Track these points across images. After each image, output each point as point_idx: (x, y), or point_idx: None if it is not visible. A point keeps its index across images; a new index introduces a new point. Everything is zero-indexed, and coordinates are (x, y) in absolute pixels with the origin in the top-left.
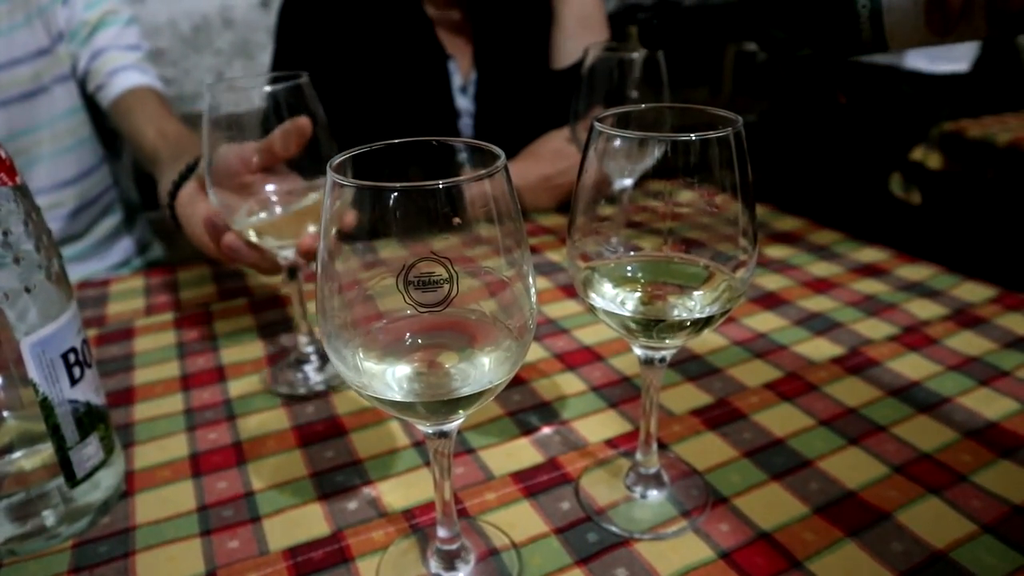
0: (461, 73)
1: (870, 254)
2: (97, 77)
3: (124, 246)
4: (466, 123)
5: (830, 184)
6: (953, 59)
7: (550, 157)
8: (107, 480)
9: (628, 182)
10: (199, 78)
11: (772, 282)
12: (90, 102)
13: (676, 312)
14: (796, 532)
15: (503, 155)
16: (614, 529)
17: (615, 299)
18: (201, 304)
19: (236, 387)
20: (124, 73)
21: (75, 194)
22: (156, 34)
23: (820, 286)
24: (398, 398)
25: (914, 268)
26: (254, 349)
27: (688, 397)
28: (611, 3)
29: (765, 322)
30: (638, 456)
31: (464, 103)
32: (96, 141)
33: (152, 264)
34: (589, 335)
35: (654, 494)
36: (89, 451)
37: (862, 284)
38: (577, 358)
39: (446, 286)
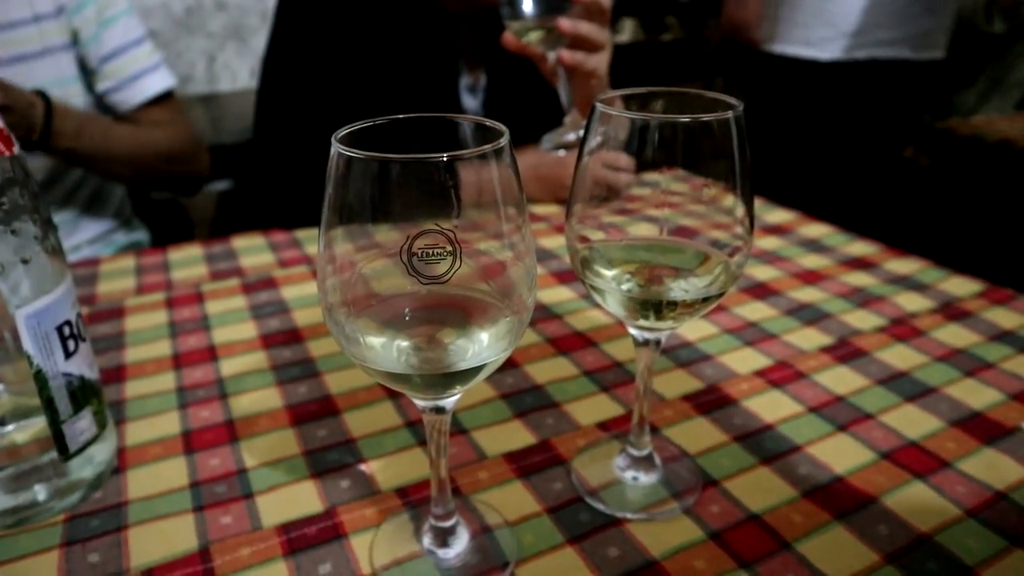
0: (470, 73)
1: (860, 247)
2: (110, 80)
3: (102, 218)
4: None
5: (821, 177)
6: (934, 46)
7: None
8: (99, 455)
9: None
10: (191, 60)
11: (763, 272)
12: (86, 72)
13: (672, 293)
14: (785, 514)
15: (507, 132)
16: (606, 509)
17: (613, 279)
18: (192, 284)
19: (228, 366)
20: (142, 80)
21: (55, 163)
22: (148, 15)
23: (810, 277)
24: (397, 371)
25: (903, 262)
26: (246, 329)
27: (680, 382)
28: None
29: (756, 311)
30: (631, 438)
31: (471, 103)
32: (87, 112)
33: (136, 246)
34: (581, 321)
35: (646, 476)
36: (82, 425)
37: (851, 276)
38: (569, 343)
39: (449, 259)
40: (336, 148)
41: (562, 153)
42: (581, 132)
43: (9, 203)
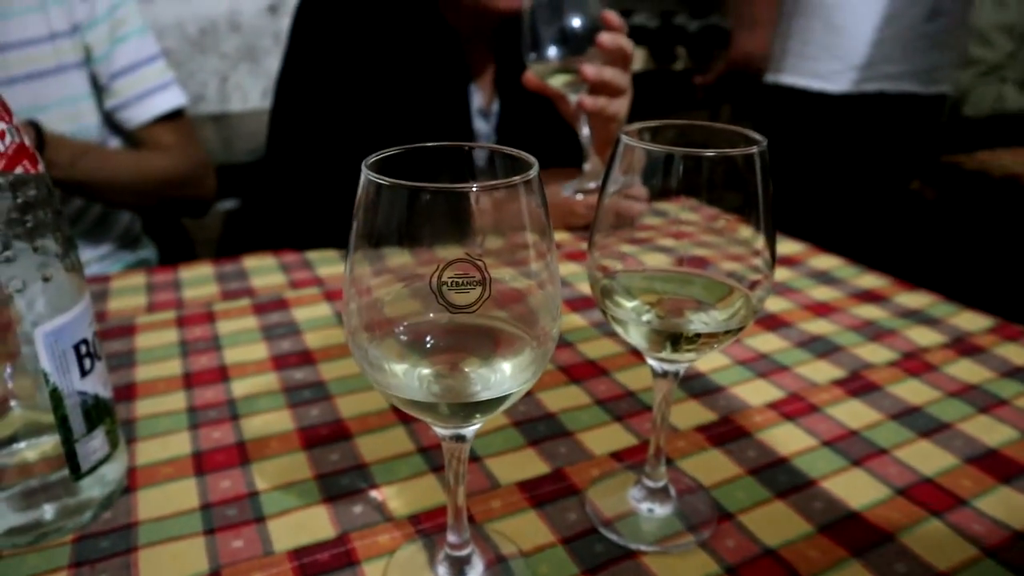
0: (483, 97)
1: (870, 280)
2: (117, 97)
3: (110, 236)
4: None
5: (828, 209)
6: (941, 81)
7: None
8: (111, 474)
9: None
10: (203, 80)
11: (774, 304)
12: (98, 88)
13: (693, 326)
14: (801, 550)
15: (536, 163)
16: (621, 541)
17: (634, 310)
18: (203, 304)
19: (239, 387)
20: (150, 99)
21: None
22: (163, 35)
23: (821, 310)
24: (418, 398)
25: (913, 296)
26: (257, 350)
27: (693, 414)
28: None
29: (767, 343)
30: (646, 469)
31: (482, 126)
32: (97, 130)
33: (143, 263)
34: (594, 349)
35: (661, 508)
36: (95, 444)
37: (862, 309)
38: (582, 371)
39: (479, 288)
40: (366, 175)
41: (580, 197)
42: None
43: (33, 221)
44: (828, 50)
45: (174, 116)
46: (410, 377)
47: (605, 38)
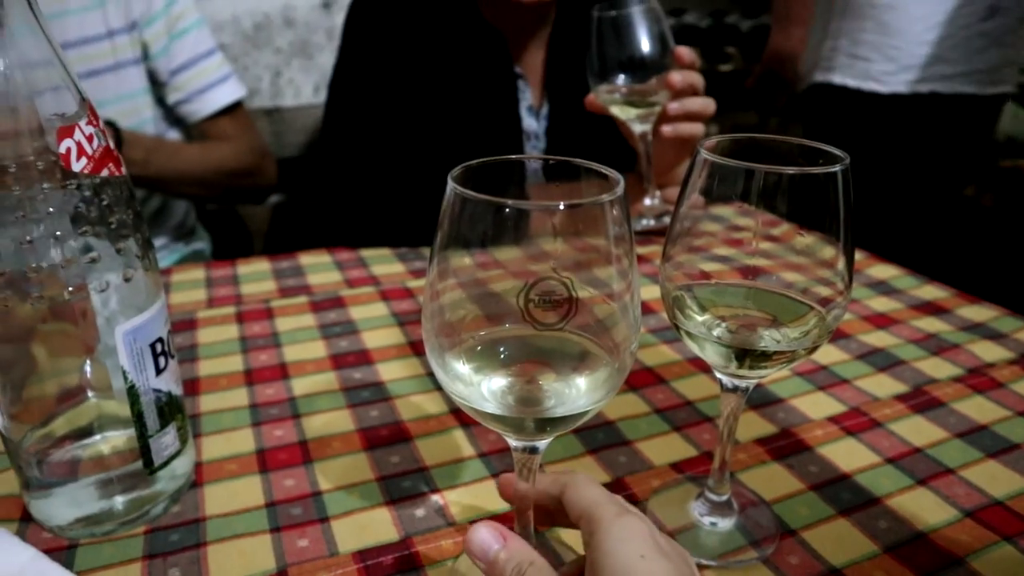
0: (534, 95)
1: (931, 292)
2: (180, 92)
3: (167, 228)
4: (534, 145)
5: (881, 213)
6: (1002, 81)
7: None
8: (180, 469)
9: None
10: (256, 75)
11: None
12: (156, 84)
13: (764, 343)
14: (867, 570)
15: (622, 179)
16: None
17: (704, 324)
18: (262, 300)
19: (299, 385)
20: (212, 92)
21: None
22: (219, 30)
23: (881, 321)
24: (494, 411)
25: (977, 309)
26: (316, 348)
27: (752, 425)
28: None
29: (827, 355)
30: (710, 482)
31: (532, 124)
32: (153, 124)
33: (198, 255)
34: (650, 356)
35: (723, 522)
36: (167, 440)
37: (924, 322)
38: (639, 379)
39: (565, 306)
40: (451, 188)
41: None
42: (666, 219)
43: (116, 222)
44: (880, 51)
45: (234, 107)
46: (486, 389)
47: (675, 79)
